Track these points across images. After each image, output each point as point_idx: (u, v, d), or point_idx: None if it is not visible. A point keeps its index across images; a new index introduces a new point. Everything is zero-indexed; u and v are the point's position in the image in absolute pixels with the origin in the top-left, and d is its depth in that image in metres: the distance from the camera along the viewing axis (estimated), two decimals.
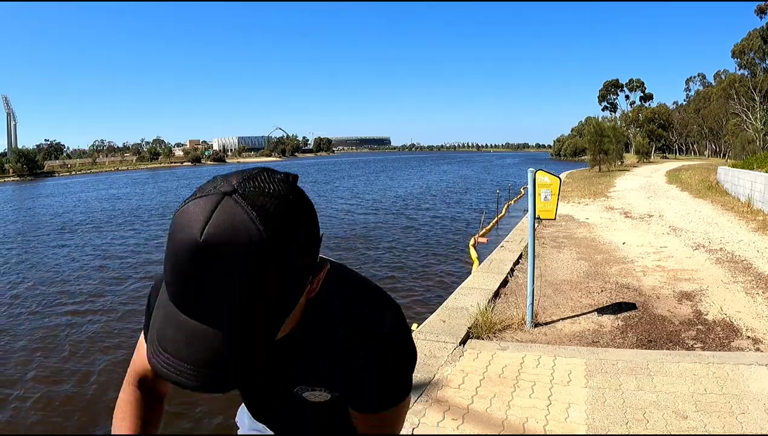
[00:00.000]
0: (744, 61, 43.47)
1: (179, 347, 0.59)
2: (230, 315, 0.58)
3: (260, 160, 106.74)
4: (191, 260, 0.56)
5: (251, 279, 0.57)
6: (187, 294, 0.58)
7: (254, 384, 0.95)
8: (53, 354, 5.67)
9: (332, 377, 0.86)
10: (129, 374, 0.98)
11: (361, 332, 0.83)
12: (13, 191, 38.08)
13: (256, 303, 0.59)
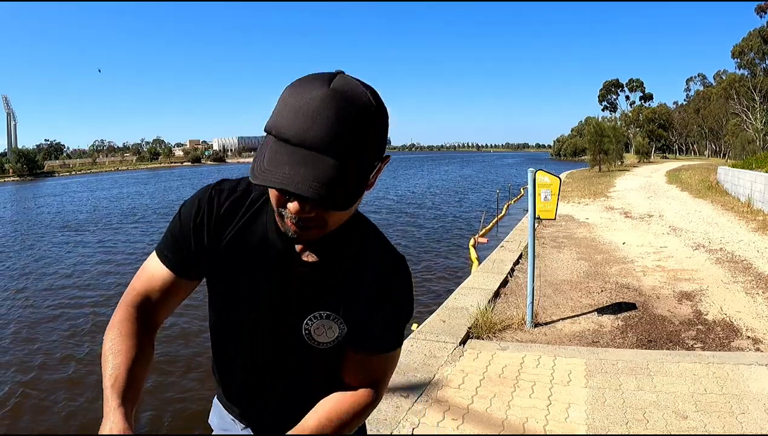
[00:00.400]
0: (744, 61, 43.48)
1: (296, 169, 0.69)
2: (345, 149, 0.70)
3: None
4: (321, 102, 0.70)
5: (364, 128, 0.72)
6: (313, 130, 0.69)
7: (269, 314, 0.93)
8: (66, 348, 5.72)
9: (352, 304, 0.91)
10: (128, 294, 0.94)
11: (394, 268, 0.94)
12: (16, 191, 38.10)
13: (363, 149, 0.73)
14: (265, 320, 0.93)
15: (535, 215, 4.57)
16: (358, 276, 0.92)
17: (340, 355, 0.95)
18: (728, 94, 44.54)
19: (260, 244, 0.90)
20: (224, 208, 0.91)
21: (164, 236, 0.95)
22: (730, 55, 44.52)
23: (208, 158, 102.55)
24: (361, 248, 0.93)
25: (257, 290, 0.92)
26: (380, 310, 0.92)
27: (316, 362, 0.96)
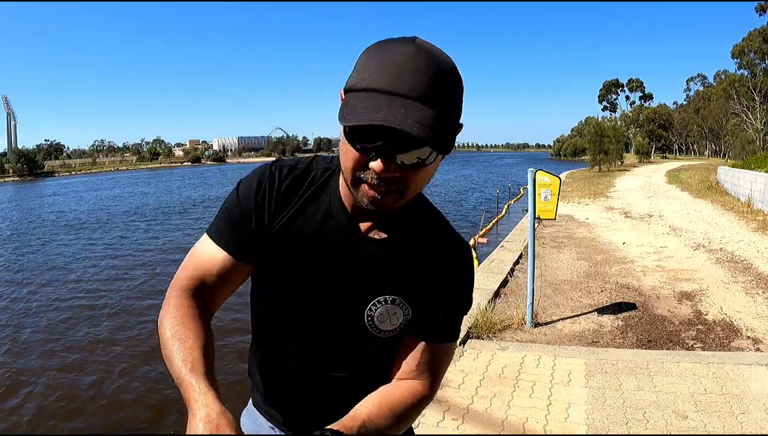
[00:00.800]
0: (744, 62, 43.46)
1: (396, 110, 0.67)
2: (437, 101, 0.69)
3: (260, 160, 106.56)
4: (409, 54, 0.70)
5: (451, 85, 0.72)
6: (405, 80, 0.68)
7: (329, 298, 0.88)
8: (74, 348, 5.75)
9: (417, 289, 0.87)
10: (180, 279, 0.87)
11: (462, 258, 0.90)
12: (17, 191, 38.11)
13: (451, 106, 0.72)
14: (323, 305, 0.88)
15: (535, 215, 4.57)
16: (425, 260, 0.88)
17: (397, 344, 0.90)
18: (728, 94, 44.53)
19: (323, 222, 0.85)
20: (285, 185, 0.86)
21: (218, 218, 0.88)
22: (730, 55, 44.52)
23: (208, 158, 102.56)
24: (429, 230, 0.89)
25: (318, 272, 0.86)
26: (444, 299, 0.88)
27: (373, 350, 0.91)
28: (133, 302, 7.47)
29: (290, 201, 0.86)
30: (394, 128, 0.67)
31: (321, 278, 0.86)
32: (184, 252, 0.93)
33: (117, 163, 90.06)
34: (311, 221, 0.86)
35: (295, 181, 0.87)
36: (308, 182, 0.87)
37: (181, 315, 0.81)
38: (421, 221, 0.89)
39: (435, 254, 0.88)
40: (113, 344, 5.84)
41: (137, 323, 6.53)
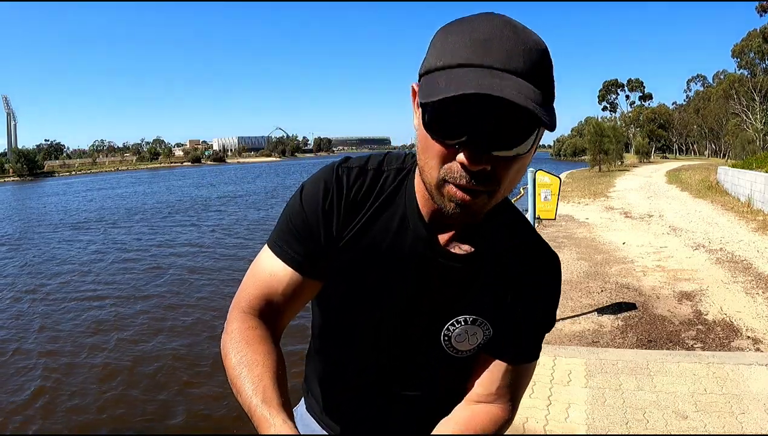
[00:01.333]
0: (744, 62, 43.46)
1: (491, 80, 0.57)
2: (537, 74, 0.60)
3: (260, 160, 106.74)
4: (496, 25, 0.60)
5: (542, 59, 0.62)
6: (495, 50, 0.59)
7: (404, 315, 0.80)
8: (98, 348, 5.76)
9: (501, 307, 0.79)
10: (242, 300, 0.79)
11: (552, 271, 0.81)
12: (19, 191, 38.15)
13: (546, 82, 0.62)
14: (396, 321, 0.80)
15: (535, 215, 4.57)
16: (509, 275, 0.78)
17: (473, 363, 0.83)
18: (728, 95, 44.53)
19: (398, 232, 0.76)
20: (355, 190, 0.76)
21: (279, 227, 0.79)
22: (730, 55, 44.55)
23: (208, 158, 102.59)
24: (515, 241, 0.79)
25: (391, 287, 0.77)
26: (528, 316, 0.80)
27: (446, 369, 0.83)
28: (146, 300, 7.54)
29: (361, 208, 0.76)
30: (485, 114, 0.58)
31: (395, 293, 0.78)
32: (193, 247, 0.89)
33: (117, 163, 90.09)
34: (385, 231, 0.76)
35: (366, 186, 0.77)
36: (380, 186, 0.77)
37: (246, 339, 0.73)
38: (507, 229, 0.79)
39: (521, 267, 0.79)
40: (132, 341, 5.90)
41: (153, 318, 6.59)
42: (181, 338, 5.83)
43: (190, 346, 5.55)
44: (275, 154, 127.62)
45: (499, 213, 0.77)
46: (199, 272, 8.99)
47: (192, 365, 5.09)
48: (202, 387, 4.60)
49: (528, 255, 0.80)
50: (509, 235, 0.80)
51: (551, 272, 0.81)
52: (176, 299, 7.38)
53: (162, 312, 6.83)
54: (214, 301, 7.08)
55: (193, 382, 4.73)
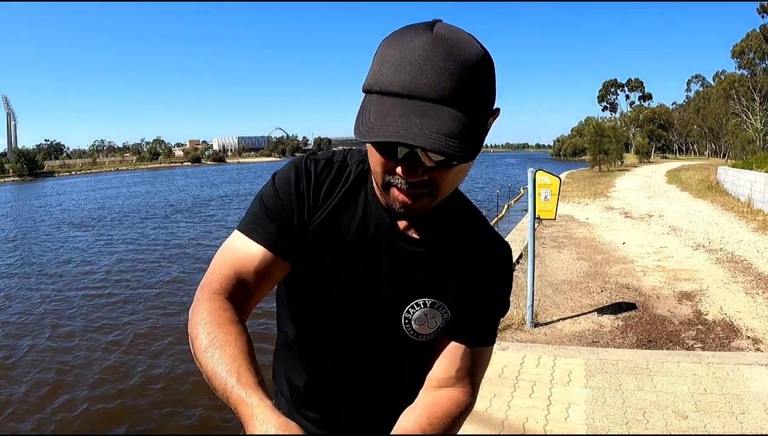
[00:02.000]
0: (744, 62, 43.47)
1: (411, 119, 0.61)
2: (460, 97, 0.62)
3: (260, 160, 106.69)
4: (426, 48, 0.62)
5: (476, 74, 0.64)
6: (422, 79, 0.62)
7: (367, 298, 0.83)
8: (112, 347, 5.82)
9: (458, 290, 0.83)
10: (213, 280, 0.78)
11: (503, 258, 0.87)
12: (21, 191, 38.10)
13: (478, 98, 0.65)
14: (363, 307, 0.84)
15: (535, 215, 4.57)
16: (465, 261, 0.84)
17: (433, 349, 0.86)
18: (728, 95, 44.54)
19: (363, 220, 0.81)
20: (322, 179, 0.82)
21: (252, 212, 0.82)
22: (730, 55, 44.55)
23: (208, 158, 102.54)
24: (470, 230, 0.85)
25: (357, 272, 0.82)
26: (483, 301, 0.85)
27: (409, 355, 0.87)
28: (156, 295, 7.62)
29: (329, 196, 0.82)
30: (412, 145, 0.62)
31: (360, 278, 0.82)
32: (200, 246, 0.91)
33: (117, 163, 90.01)
34: (351, 218, 0.81)
35: (333, 176, 0.82)
36: (345, 177, 0.83)
37: (217, 320, 0.71)
38: (461, 219, 0.86)
39: (475, 254, 0.84)
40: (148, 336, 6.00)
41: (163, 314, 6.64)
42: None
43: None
44: (275, 154, 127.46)
45: (453, 202, 0.84)
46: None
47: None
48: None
49: (481, 245, 0.86)
50: (463, 224, 0.86)
51: (503, 262, 0.87)
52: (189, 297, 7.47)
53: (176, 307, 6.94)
54: None
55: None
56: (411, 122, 0.61)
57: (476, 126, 0.65)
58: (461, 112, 0.63)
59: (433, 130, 0.60)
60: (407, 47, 0.64)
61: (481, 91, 0.65)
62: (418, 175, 0.67)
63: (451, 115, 0.62)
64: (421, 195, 0.71)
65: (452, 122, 0.62)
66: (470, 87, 0.63)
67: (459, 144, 0.61)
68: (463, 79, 0.63)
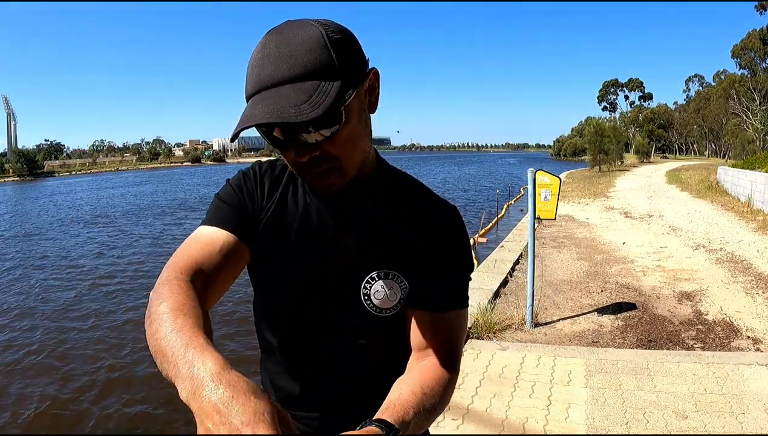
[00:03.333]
0: (744, 61, 43.47)
1: (265, 105, 0.68)
2: (298, 72, 0.69)
3: (260, 160, 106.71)
4: (262, 46, 0.72)
5: (311, 48, 0.70)
6: (265, 71, 0.70)
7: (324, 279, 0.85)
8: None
9: (410, 258, 0.84)
10: (176, 266, 0.75)
11: (450, 216, 0.88)
12: (23, 191, 38.10)
13: (322, 67, 0.70)
14: (323, 290, 0.86)
15: (535, 215, 4.57)
16: (413, 228, 0.85)
17: (403, 324, 0.87)
18: (728, 94, 44.52)
19: (304, 211, 0.86)
20: (267, 176, 0.89)
21: (211, 210, 0.85)
22: (730, 55, 44.56)
23: (208, 158, 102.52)
24: (412, 199, 0.88)
25: (312, 256, 0.85)
26: (441, 263, 0.85)
27: (374, 333, 0.87)
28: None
29: (273, 194, 0.88)
30: (285, 133, 0.71)
31: (316, 261, 0.85)
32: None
33: (117, 163, 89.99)
34: (294, 212, 0.86)
35: (276, 174, 0.90)
36: (288, 174, 0.89)
37: (176, 307, 0.64)
38: (401, 191, 0.89)
39: (422, 220, 0.86)
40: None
41: None
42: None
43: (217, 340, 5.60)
44: (275, 154, 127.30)
45: (387, 177, 0.89)
46: None
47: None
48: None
49: (427, 211, 0.87)
50: (404, 195, 0.88)
51: (452, 223, 0.88)
52: None
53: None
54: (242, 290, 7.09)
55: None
56: (254, 110, 0.68)
57: (325, 89, 0.69)
58: (301, 82, 0.69)
59: (271, 109, 0.67)
60: (252, 55, 0.73)
61: (323, 60, 0.70)
62: (308, 153, 0.73)
63: (290, 90, 0.68)
64: (326, 171, 0.76)
65: (292, 94, 0.68)
66: (306, 60, 0.69)
67: (297, 108, 0.66)
68: (297, 57, 0.69)
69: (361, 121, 0.77)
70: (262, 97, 0.69)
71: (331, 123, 0.71)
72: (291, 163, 0.77)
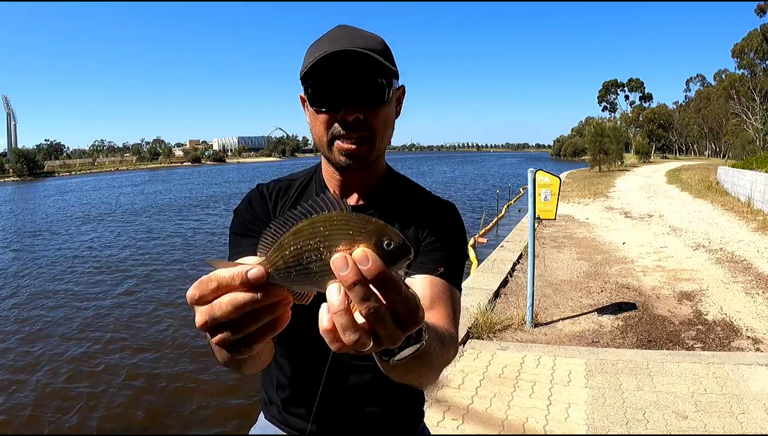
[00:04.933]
0: (744, 61, 43.48)
1: (338, 42, 0.84)
2: (373, 47, 0.85)
3: (260, 160, 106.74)
4: (334, 31, 0.88)
5: (374, 41, 0.87)
6: (339, 42, 0.83)
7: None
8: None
9: (417, 251, 0.92)
10: None
11: (448, 211, 0.99)
12: (26, 191, 38.06)
13: (380, 59, 0.84)
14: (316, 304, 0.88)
15: (535, 215, 4.57)
16: (414, 223, 0.94)
17: None
18: (728, 94, 44.53)
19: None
20: (275, 191, 0.99)
21: (231, 247, 0.95)
22: (730, 55, 44.57)
23: (208, 158, 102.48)
24: (413, 199, 0.98)
25: None
26: (437, 250, 0.92)
27: None
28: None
29: (286, 200, 0.97)
30: (346, 81, 0.82)
31: None
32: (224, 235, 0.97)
33: (117, 163, 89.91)
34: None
35: (284, 187, 1.00)
36: (297, 184, 1.00)
37: None
38: (405, 189, 1.00)
39: (422, 216, 0.95)
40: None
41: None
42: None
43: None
44: (275, 154, 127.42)
45: (395, 180, 1.01)
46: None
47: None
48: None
49: (427, 205, 0.99)
50: (408, 192, 1.01)
51: (450, 212, 0.99)
52: None
53: None
54: None
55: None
56: (337, 44, 0.82)
57: (390, 63, 0.87)
58: (375, 53, 0.84)
59: (357, 46, 0.82)
60: (322, 37, 0.87)
61: (386, 50, 0.87)
62: (356, 112, 0.84)
63: (369, 51, 0.83)
64: (362, 140, 0.86)
65: (373, 50, 0.83)
66: (376, 42, 0.86)
67: (381, 61, 0.83)
68: (369, 38, 0.86)
69: (392, 116, 0.91)
70: (338, 48, 0.81)
71: (383, 95, 0.85)
72: (326, 130, 0.87)
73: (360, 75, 0.83)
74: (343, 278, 0.42)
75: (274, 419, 1.03)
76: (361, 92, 0.84)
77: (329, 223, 0.44)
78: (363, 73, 0.83)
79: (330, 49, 0.81)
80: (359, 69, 0.83)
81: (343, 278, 0.42)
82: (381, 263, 0.43)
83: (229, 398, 4.38)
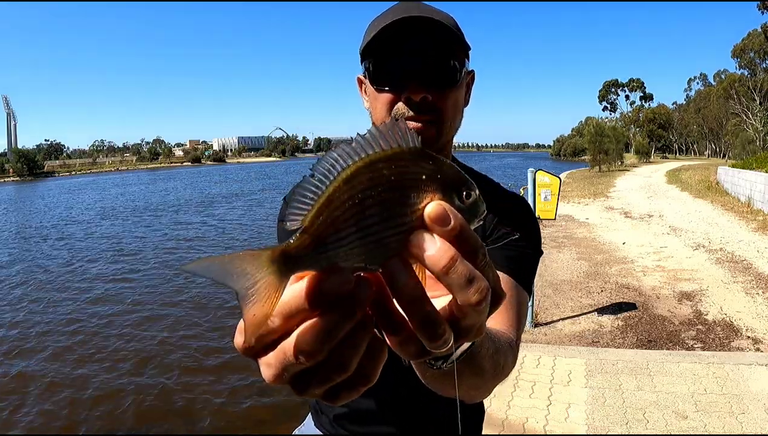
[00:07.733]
0: (744, 61, 43.48)
1: (411, 10, 0.78)
2: (453, 23, 0.81)
3: (260, 160, 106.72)
4: (407, 2, 0.81)
5: (451, 21, 0.82)
6: (410, 9, 0.78)
7: None
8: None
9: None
10: None
11: (520, 206, 0.95)
12: (29, 190, 38.08)
13: (452, 38, 0.79)
14: None
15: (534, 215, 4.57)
16: (490, 217, 0.85)
17: None
18: (728, 94, 44.53)
19: None
20: None
21: (280, 236, 0.92)
22: (731, 55, 44.57)
23: (208, 158, 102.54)
24: (480, 187, 0.87)
25: None
26: (510, 247, 0.83)
27: None
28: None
29: None
30: (413, 52, 0.75)
31: None
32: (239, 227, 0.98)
33: (117, 163, 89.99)
34: None
35: None
36: None
37: None
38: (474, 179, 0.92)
39: (494, 211, 0.86)
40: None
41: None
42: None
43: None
44: (275, 154, 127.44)
45: (465, 171, 0.89)
46: None
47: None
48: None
49: (499, 198, 0.92)
50: (477, 185, 0.89)
51: (523, 207, 0.95)
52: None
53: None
54: None
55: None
56: (410, 11, 0.76)
57: (462, 40, 0.81)
58: (448, 27, 0.78)
59: (430, 14, 0.76)
60: (382, 13, 0.81)
61: (458, 28, 0.81)
62: (423, 92, 0.76)
63: (441, 19, 0.77)
64: (427, 122, 0.78)
65: (444, 20, 0.78)
66: (448, 19, 0.80)
67: (454, 33, 0.77)
68: (441, 14, 0.79)
69: (461, 101, 0.84)
70: (412, 9, 0.77)
71: (455, 75, 0.78)
72: (388, 110, 0.79)
73: (430, 42, 0.75)
74: (436, 255, 0.30)
75: (323, 427, 0.99)
76: (431, 70, 0.76)
77: (395, 164, 0.31)
78: (433, 44, 0.76)
79: (397, 16, 0.74)
80: (428, 40, 0.76)
81: (436, 255, 0.30)
82: (469, 228, 0.31)
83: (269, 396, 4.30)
